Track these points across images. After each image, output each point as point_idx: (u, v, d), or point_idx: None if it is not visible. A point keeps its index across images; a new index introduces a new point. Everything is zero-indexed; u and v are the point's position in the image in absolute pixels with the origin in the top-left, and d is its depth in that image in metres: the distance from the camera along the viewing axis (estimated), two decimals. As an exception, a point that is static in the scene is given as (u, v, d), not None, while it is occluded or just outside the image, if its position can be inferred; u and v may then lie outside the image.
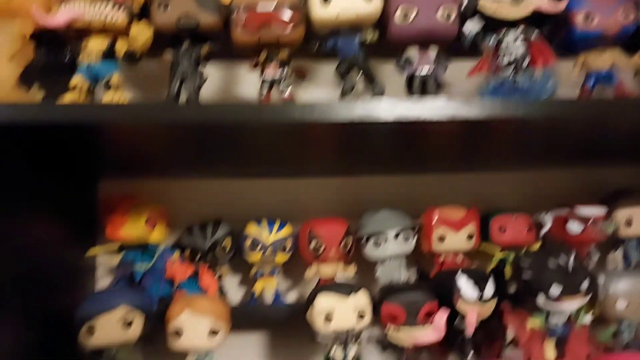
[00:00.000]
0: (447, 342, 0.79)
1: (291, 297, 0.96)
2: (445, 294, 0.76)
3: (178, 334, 0.72)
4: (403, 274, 0.86)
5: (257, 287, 0.87)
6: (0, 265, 0.59)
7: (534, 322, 0.76)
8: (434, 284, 0.80)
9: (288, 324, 0.88)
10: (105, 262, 0.92)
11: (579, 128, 0.70)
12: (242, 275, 0.95)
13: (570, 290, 0.73)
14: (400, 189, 0.97)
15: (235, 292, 0.95)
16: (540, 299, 0.74)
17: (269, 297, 0.89)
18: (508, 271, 0.79)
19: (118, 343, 0.70)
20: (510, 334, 0.81)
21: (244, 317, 0.85)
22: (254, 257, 0.86)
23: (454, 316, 0.76)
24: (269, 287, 0.88)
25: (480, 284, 0.76)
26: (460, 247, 0.86)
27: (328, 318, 0.73)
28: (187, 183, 0.95)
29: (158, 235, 0.84)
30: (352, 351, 0.74)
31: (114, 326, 0.70)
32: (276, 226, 0.87)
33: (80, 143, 0.66)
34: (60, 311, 0.74)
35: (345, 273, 0.86)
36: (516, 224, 0.87)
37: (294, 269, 0.94)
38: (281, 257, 0.87)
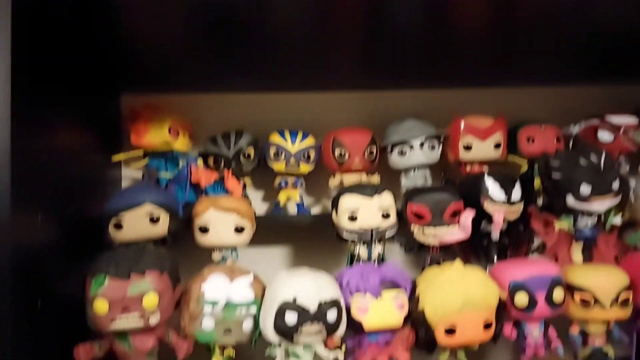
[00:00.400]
0: (473, 246, 0.79)
1: (314, 212, 0.96)
2: (472, 196, 0.75)
3: (204, 230, 0.73)
4: (428, 184, 0.86)
5: (281, 196, 0.88)
6: (33, 169, 0.59)
7: (562, 224, 0.75)
8: (461, 187, 0.79)
9: (312, 234, 0.88)
10: (130, 174, 0.92)
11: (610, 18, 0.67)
12: (265, 191, 0.96)
13: (600, 189, 0.71)
14: (425, 104, 0.95)
15: (259, 206, 0.95)
16: (570, 199, 0.72)
17: (292, 209, 0.90)
18: (537, 180, 0.78)
19: (146, 238, 0.71)
20: (537, 240, 0.81)
21: (269, 226, 0.85)
22: (278, 166, 0.86)
23: (480, 220, 0.75)
24: (292, 199, 0.89)
25: (507, 186, 0.75)
26: (487, 156, 0.84)
27: (352, 217, 0.73)
28: (208, 97, 0.94)
29: (181, 144, 0.84)
30: (376, 250, 0.75)
31: (141, 221, 0.71)
32: (299, 136, 0.86)
33: (104, 33, 0.66)
34: (89, 217, 0.75)
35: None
36: (545, 135, 0.86)
37: (316, 185, 0.93)
38: (305, 167, 0.86)
